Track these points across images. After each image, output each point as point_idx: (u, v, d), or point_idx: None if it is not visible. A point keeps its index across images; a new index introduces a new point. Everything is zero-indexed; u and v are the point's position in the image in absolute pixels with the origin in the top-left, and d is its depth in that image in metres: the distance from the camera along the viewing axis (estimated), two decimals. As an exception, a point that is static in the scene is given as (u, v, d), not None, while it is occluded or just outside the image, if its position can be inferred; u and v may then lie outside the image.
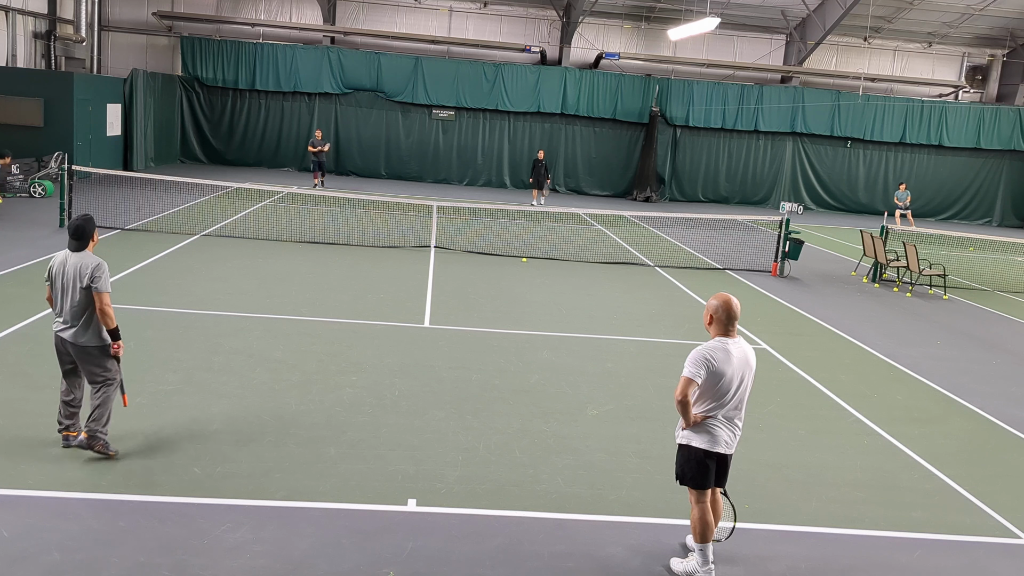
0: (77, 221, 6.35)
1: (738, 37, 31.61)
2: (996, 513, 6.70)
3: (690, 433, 5.28)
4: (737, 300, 5.36)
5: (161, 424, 7.06)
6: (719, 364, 5.15)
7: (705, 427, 5.24)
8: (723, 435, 5.26)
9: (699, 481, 5.27)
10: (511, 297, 12.97)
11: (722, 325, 5.27)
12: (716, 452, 5.25)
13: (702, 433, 5.25)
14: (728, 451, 5.31)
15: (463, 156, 30.26)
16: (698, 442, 5.25)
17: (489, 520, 5.92)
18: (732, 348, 5.22)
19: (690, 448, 5.27)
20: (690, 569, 5.34)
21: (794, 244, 16.97)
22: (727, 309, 5.24)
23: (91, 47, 26.80)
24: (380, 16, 30.34)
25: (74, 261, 6.25)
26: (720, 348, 5.20)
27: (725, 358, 5.17)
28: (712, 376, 5.14)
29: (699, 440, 5.25)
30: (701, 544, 5.27)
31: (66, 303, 6.25)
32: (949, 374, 10.68)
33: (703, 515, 5.27)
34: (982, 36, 31.59)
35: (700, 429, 5.25)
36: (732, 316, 5.25)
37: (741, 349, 5.28)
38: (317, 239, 16.39)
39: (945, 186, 31.98)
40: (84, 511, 5.57)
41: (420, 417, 7.71)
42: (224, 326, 10.03)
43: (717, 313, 5.27)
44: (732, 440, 5.32)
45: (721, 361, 5.16)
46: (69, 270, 6.23)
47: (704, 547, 5.27)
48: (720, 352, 5.18)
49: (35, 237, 14.54)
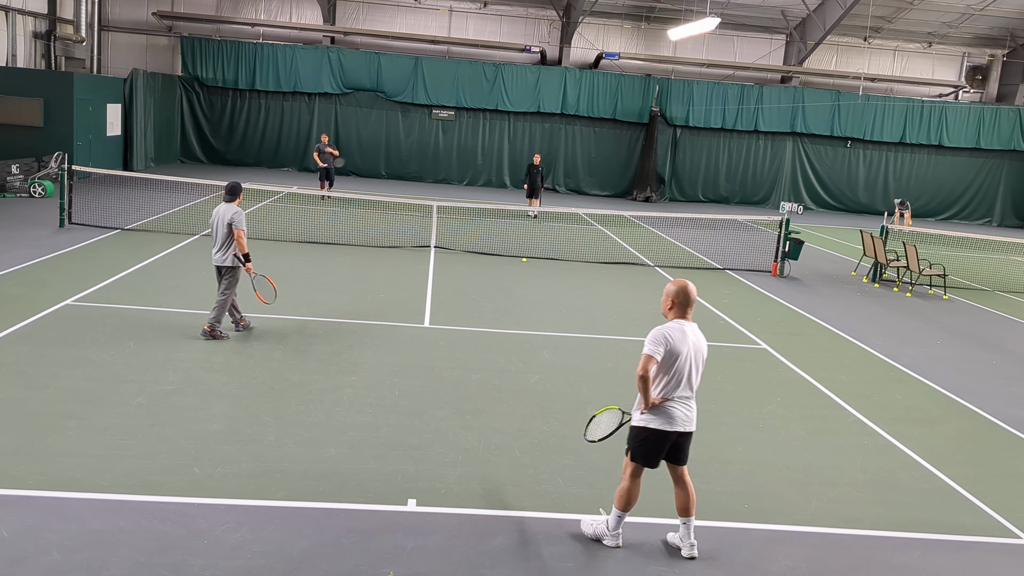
0: (231, 184, 9.73)
1: (738, 37, 31.61)
2: (996, 513, 6.70)
3: (648, 416, 5.52)
4: (694, 286, 5.62)
5: (161, 424, 7.06)
6: (676, 343, 5.43)
7: (662, 409, 5.50)
8: (680, 414, 5.52)
9: (648, 460, 5.58)
10: (511, 297, 12.97)
11: (681, 308, 5.56)
12: (675, 431, 5.51)
13: (660, 415, 5.50)
14: (688, 428, 5.56)
15: (463, 156, 30.27)
16: (655, 424, 5.50)
17: (489, 520, 5.92)
18: (688, 330, 5.52)
19: (646, 429, 5.53)
20: (599, 532, 5.70)
21: (794, 244, 16.97)
22: (686, 293, 5.55)
23: (91, 47, 26.81)
24: (380, 16, 30.35)
25: (223, 209, 9.50)
26: (677, 329, 5.49)
27: (682, 338, 5.46)
28: (669, 355, 5.43)
29: (656, 422, 5.50)
30: (620, 511, 5.63)
31: (216, 236, 9.49)
32: (949, 374, 10.68)
33: (632, 488, 5.61)
34: (982, 36, 31.59)
35: (657, 411, 5.51)
36: (690, 300, 5.56)
37: (695, 332, 5.59)
38: (317, 239, 16.39)
39: (945, 186, 31.98)
40: (84, 511, 5.57)
41: (420, 417, 7.71)
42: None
43: (678, 298, 5.55)
44: (689, 417, 5.56)
45: (678, 341, 5.44)
46: (220, 214, 9.47)
47: (621, 514, 5.63)
48: (677, 332, 5.47)
49: (35, 237, 14.54)
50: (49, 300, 10.52)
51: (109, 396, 7.58)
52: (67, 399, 7.43)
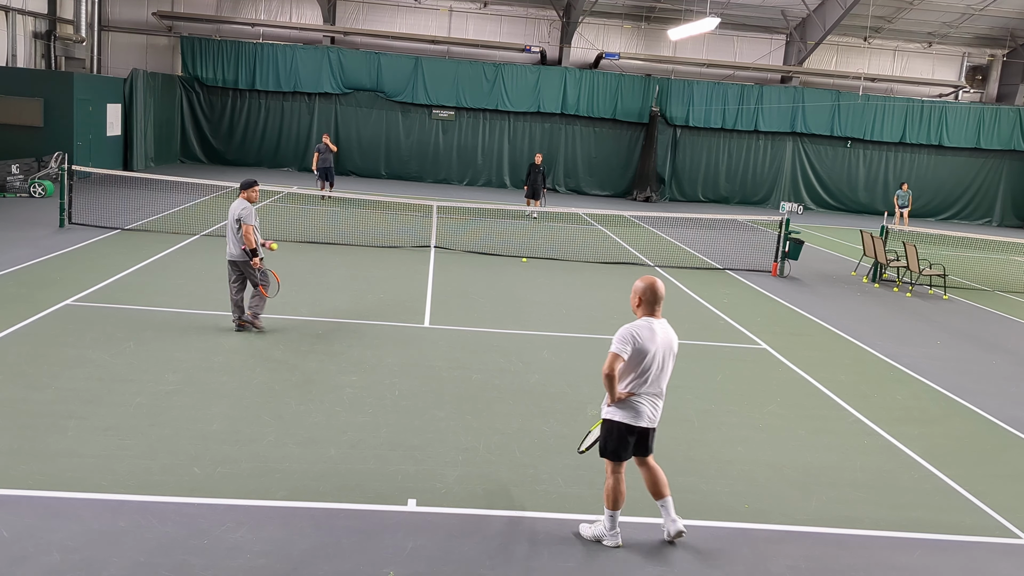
0: (244, 180, 9.97)
1: (738, 37, 31.61)
2: (996, 513, 6.70)
3: (615, 409, 5.58)
4: (662, 283, 5.64)
5: (161, 424, 7.06)
6: (644, 342, 5.44)
7: (630, 403, 5.56)
8: (646, 411, 5.58)
9: (619, 454, 5.64)
10: (511, 297, 12.97)
11: (649, 306, 5.57)
12: (640, 427, 5.59)
13: (627, 409, 5.56)
14: (652, 425, 5.66)
15: (463, 156, 30.27)
16: (621, 417, 5.57)
17: (489, 520, 5.93)
18: (657, 327, 5.53)
19: (613, 423, 5.59)
20: (598, 533, 5.71)
21: (794, 244, 16.97)
22: (653, 291, 5.56)
23: (91, 47, 26.80)
24: (380, 16, 30.35)
25: (234, 204, 9.77)
26: (646, 327, 5.50)
27: (650, 336, 5.47)
28: (637, 353, 5.44)
29: (623, 415, 5.56)
30: (611, 511, 5.65)
31: (229, 231, 9.77)
32: (949, 374, 10.68)
33: (617, 485, 5.64)
34: (982, 36, 31.59)
35: (625, 405, 5.56)
36: (658, 297, 5.57)
37: (665, 329, 5.59)
38: (317, 239, 16.39)
39: (945, 186, 31.98)
40: (84, 511, 5.57)
41: (420, 417, 7.71)
42: (224, 326, 10.03)
43: (645, 295, 5.57)
44: (655, 415, 5.65)
45: (646, 339, 5.45)
46: (231, 209, 9.81)
47: (613, 513, 5.66)
48: (646, 331, 5.48)
49: (35, 237, 14.54)
50: (49, 300, 10.52)
51: (109, 396, 7.58)
52: (67, 399, 7.43)
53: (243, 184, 9.94)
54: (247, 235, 9.60)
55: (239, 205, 9.73)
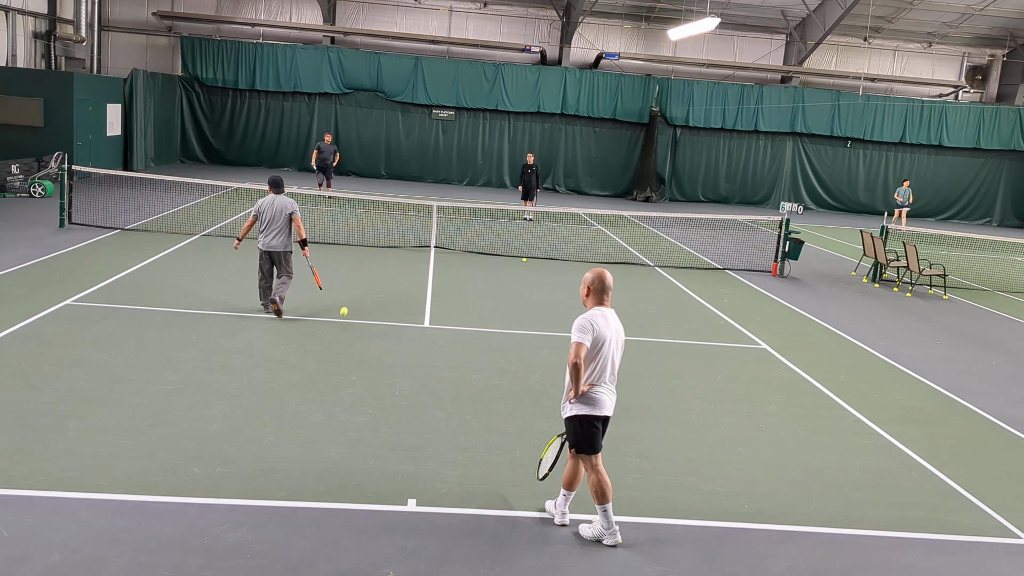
0: (275, 178, 10.68)
1: (738, 37, 31.61)
2: (996, 513, 6.70)
3: (578, 405, 5.68)
4: (610, 274, 5.80)
5: (161, 424, 7.06)
6: (601, 329, 5.60)
7: (588, 396, 5.67)
8: (605, 399, 5.71)
9: (593, 445, 5.72)
10: (511, 297, 12.97)
11: (598, 295, 5.74)
12: (601, 415, 5.71)
13: (586, 401, 5.67)
14: (611, 413, 5.79)
15: (463, 156, 30.27)
16: (586, 411, 5.67)
17: (489, 520, 5.93)
18: (608, 315, 5.71)
19: (580, 417, 5.68)
20: (597, 532, 5.76)
21: (794, 244, 16.97)
22: (602, 280, 5.74)
23: (91, 47, 26.80)
24: (380, 16, 30.35)
25: (279, 200, 10.50)
26: (600, 315, 5.66)
27: (605, 324, 5.64)
28: (595, 341, 5.59)
29: (587, 408, 5.67)
30: (602, 506, 5.69)
31: (273, 225, 10.43)
32: (949, 374, 10.68)
33: (600, 477, 5.70)
34: (982, 36, 31.59)
35: (585, 399, 5.67)
36: (606, 287, 5.74)
37: (615, 318, 5.78)
38: (317, 239, 16.39)
39: (945, 186, 31.98)
40: (84, 511, 5.57)
41: (420, 417, 7.71)
42: (224, 326, 10.04)
43: (594, 285, 5.74)
44: (613, 401, 5.78)
45: (602, 327, 5.61)
46: (277, 205, 10.47)
47: (606, 508, 5.69)
48: (600, 319, 5.64)
49: (35, 237, 14.54)
50: (49, 300, 10.52)
51: (109, 396, 7.58)
52: (67, 399, 7.43)
53: (279, 182, 10.65)
54: (300, 226, 10.52)
55: (287, 200, 10.51)
